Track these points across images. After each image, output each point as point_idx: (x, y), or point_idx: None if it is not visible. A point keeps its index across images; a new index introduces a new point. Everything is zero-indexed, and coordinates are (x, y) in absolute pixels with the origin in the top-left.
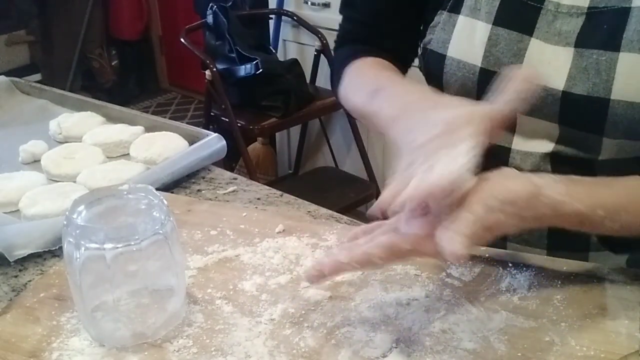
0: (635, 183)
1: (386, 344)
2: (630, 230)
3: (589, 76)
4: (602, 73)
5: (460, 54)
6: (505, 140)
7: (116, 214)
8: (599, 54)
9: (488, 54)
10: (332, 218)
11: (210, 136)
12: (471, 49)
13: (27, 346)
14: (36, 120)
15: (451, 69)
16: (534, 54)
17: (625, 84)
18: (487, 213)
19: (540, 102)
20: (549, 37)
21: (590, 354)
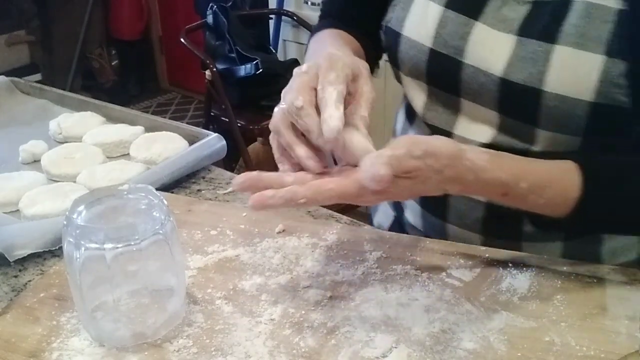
0: (562, 163)
1: (386, 344)
2: (555, 208)
3: (525, 65)
4: (538, 63)
5: (413, 34)
6: (449, 125)
7: (116, 214)
8: (537, 44)
9: (437, 36)
10: (332, 218)
11: (210, 136)
12: (423, 29)
13: (27, 346)
14: (36, 120)
15: (404, 47)
16: (478, 39)
17: (558, 76)
18: (407, 156)
19: (480, 88)
20: (494, 23)
21: (590, 354)
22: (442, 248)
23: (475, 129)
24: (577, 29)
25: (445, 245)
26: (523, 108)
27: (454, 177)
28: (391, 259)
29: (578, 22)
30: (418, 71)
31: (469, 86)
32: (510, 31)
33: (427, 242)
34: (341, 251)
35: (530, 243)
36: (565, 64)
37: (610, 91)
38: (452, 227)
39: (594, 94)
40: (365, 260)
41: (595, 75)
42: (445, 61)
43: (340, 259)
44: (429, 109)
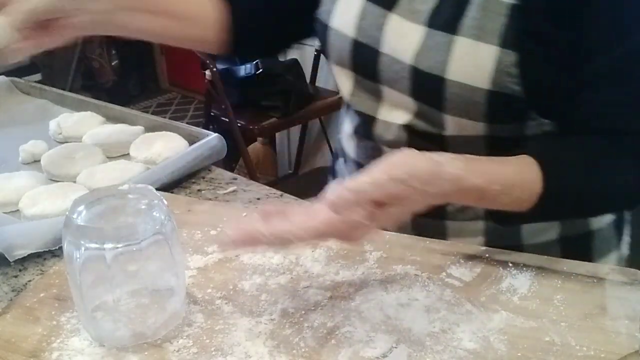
0: (523, 159)
1: (386, 344)
2: (521, 204)
3: (431, 54)
4: (441, 53)
5: (339, 25)
6: (373, 110)
7: (116, 214)
8: (441, 34)
9: (359, 26)
10: None
11: (210, 136)
12: (347, 20)
13: (27, 346)
14: (36, 120)
15: (332, 38)
16: (392, 28)
17: (458, 65)
18: (390, 183)
19: (395, 75)
20: (407, 14)
21: (590, 354)
22: (442, 248)
23: (395, 114)
24: (475, 22)
25: (445, 245)
26: (431, 94)
27: (437, 192)
28: (391, 259)
29: (476, 15)
30: (344, 60)
31: (386, 74)
32: (420, 22)
33: (427, 242)
34: (341, 251)
35: (453, 222)
36: (464, 54)
37: (503, 80)
38: None
39: (490, 83)
40: (365, 260)
41: (491, 65)
42: (365, 50)
43: (340, 259)
44: (355, 95)
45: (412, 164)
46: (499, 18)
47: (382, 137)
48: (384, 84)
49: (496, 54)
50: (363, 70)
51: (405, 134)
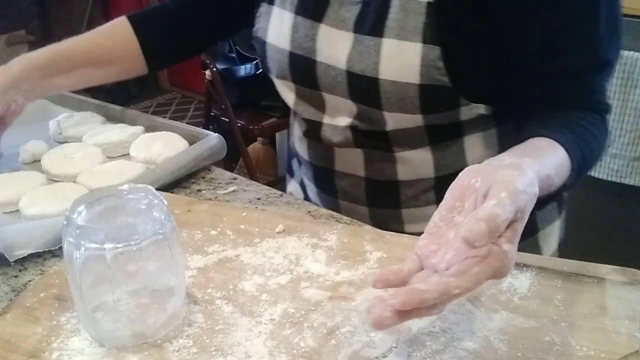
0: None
1: (386, 344)
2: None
3: (362, 58)
4: (372, 55)
5: (275, 40)
6: (318, 116)
7: (116, 214)
8: (369, 39)
9: (293, 39)
10: (332, 218)
11: (210, 136)
12: (282, 35)
13: (27, 346)
14: (36, 120)
15: (271, 53)
16: (323, 38)
17: (389, 65)
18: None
19: (333, 81)
20: (335, 23)
21: (590, 354)
22: None
23: (339, 117)
24: (397, 23)
25: None
26: (368, 95)
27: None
28: (391, 259)
29: (397, 17)
30: (284, 73)
31: (324, 81)
32: (348, 29)
33: None
34: (341, 251)
35: (408, 209)
36: (392, 54)
37: (431, 73)
38: (343, 203)
39: (419, 77)
40: (366, 260)
41: (417, 61)
42: (302, 61)
43: (341, 259)
44: (299, 105)
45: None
46: (419, 17)
47: (331, 139)
48: (324, 90)
49: (421, 50)
50: (302, 80)
51: (351, 134)
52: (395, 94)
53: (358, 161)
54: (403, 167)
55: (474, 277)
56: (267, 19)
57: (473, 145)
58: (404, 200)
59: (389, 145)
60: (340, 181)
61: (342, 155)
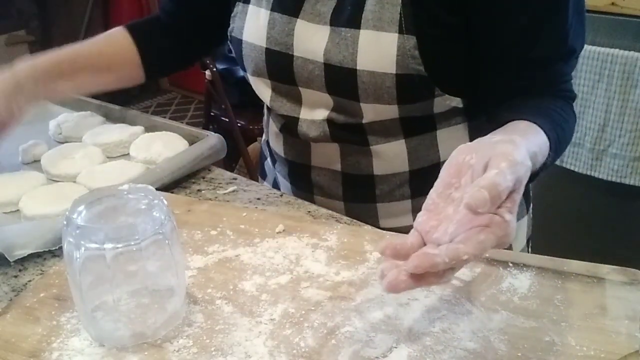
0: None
1: (386, 344)
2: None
3: (340, 50)
4: (349, 47)
5: (251, 38)
6: (295, 112)
7: (116, 214)
8: (346, 31)
9: (269, 36)
10: (332, 218)
11: (210, 136)
12: (258, 32)
13: (27, 346)
14: (36, 120)
15: (247, 51)
16: (300, 32)
17: (366, 56)
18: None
19: (310, 74)
20: (311, 17)
21: (590, 354)
22: None
23: (316, 111)
24: (373, 14)
25: None
26: (345, 87)
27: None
28: None
29: (374, 9)
30: (260, 70)
31: (301, 75)
32: (324, 22)
33: None
34: (341, 251)
35: (383, 204)
36: (370, 44)
37: (407, 62)
38: (319, 198)
39: (395, 67)
40: (366, 260)
41: (394, 51)
42: (278, 57)
43: (341, 259)
44: (275, 101)
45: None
46: (394, 8)
47: (307, 134)
48: (301, 85)
49: (397, 40)
50: (279, 75)
51: (327, 128)
52: (372, 85)
53: (334, 156)
54: (378, 160)
55: (480, 245)
56: (243, 17)
57: (445, 138)
58: (379, 195)
59: (365, 138)
60: (316, 176)
61: (318, 150)
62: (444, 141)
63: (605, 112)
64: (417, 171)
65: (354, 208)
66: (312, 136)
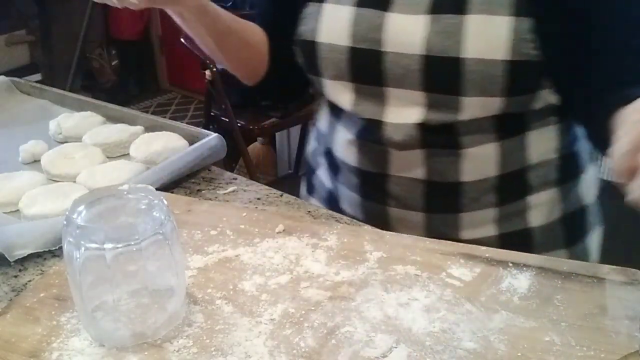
0: None
1: (386, 344)
2: None
3: (442, 38)
4: (454, 35)
5: (329, 38)
6: (378, 114)
7: (116, 214)
8: (449, 17)
9: (354, 33)
10: (332, 218)
11: (210, 136)
12: (338, 31)
13: (27, 346)
14: (36, 120)
15: (323, 53)
16: (393, 26)
17: (474, 42)
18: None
19: (404, 71)
20: (405, 9)
21: (590, 354)
22: (442, 248)
23: (404, 113)
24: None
25: (445, 245)
26: (446, 80)
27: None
28: (391, 259)
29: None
30: (341, 72)
31: (392, 73)
32: (421, 12)
33: (427, 242)
34: (341, 251)
35: (467, 213)
36: (478, 30)
37: (521, 47)
38: (394, 210)
39: (508, 52)
40: (366, 260)
41: (507, 35)
42: (365, 55)
43: (341, 259)
44: (357, 104)
45: None
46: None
47: (392, 138)
48: (390, 84)
49: (511, 23)
50: (364, 76)
51: (416, 131)
52: (479, 74)
53: (417, 162)
54: (468, 165)
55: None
56: (316, 18)
57: (536, 140)
58: (465, 204)
59: (457, 140)
60: (393, 186)
61: (399, 157)
62: (534, 143)
63: None
64: (505, 176)
65: (434, 219)
66: (397, 140)
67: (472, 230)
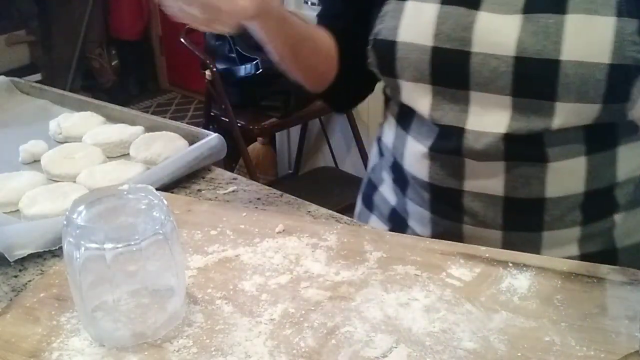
0: None
1: (386, 344)
2: None
3: (538, 39)
4: (551, 35)
5: (410, 37)
6: (459, 121)
7: (116, 214)
8: (547, 17)
9: (439, 32)
10: (332, 218)
11: (210, 136)
12: (421, 30)
13: (27, 346)
14: (36, 120)
15: (403, 53)
16: (483, 25)
17: (574, 44)
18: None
19: (492, 74)
20: (496, 8)
21: (590, 354)
22: (442, 248)
23: (488, 120)
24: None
25: (445, 245)
26: (540, 84)
27: None
28: (391, 259)
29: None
30: (421, 73)
31: (479, 75)
32: (515, 12)
33: (427, 242)
34: (341, 251)
35: (550, 232)
36: (579, 30)
37: (625, 50)
38: (469, 228)
39: (610, 55)
40: (366, 260)
41: (610, 37)
42: (450, 56)
43: (341, 259)
44: (436, 109)
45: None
46: None
47: (472, 148)
48: (475, 88)
49: (614, 24)
50: (447, 78)
51: (500, 140)
52: (577, 78)
53: (497, 177)
54: (553, 179)
55: None
56: (397, 16)
57: (626, 156)
58: (547, 222)
59: (543, 152)
60: (469, 202)
61: (477, 171)
62: (624, 159)
63: None
64: (592, 192)
65: (514, 237)
66: (478, 149)
67: (553, 250)
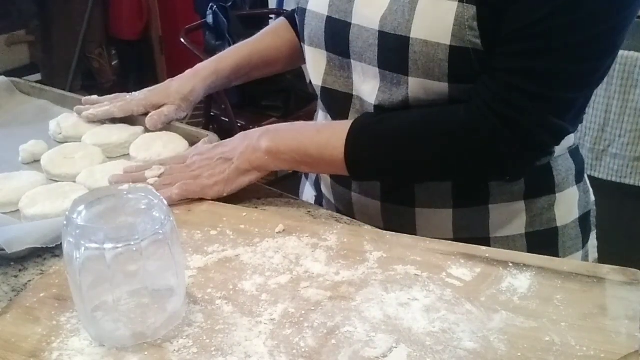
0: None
1: (386, 344)
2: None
3: (396, 17)
4: (405, 14)
5: (315, 6)
6: (347, 87)
7: (116, 214)
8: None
9: (332, 4)
10: (332, 218)
11: (210, 136)
12: (322, 1)
13: (27, 346)
14: (36, 120)
15: (309, 20)
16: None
17: (421, 23)
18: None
19: (364, 44)
20: None
21: (590, 354)
22: (442, 248)
23: (365, 88)
24: None
25: (445, 245)
26: (396, 58)
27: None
28: (391, 259)
29: None
30: (319, 40)
31: (355, 45)
32: None
33: (427, 242)
34: (341, 251)
35: (423, 209)
36: (427, 12)
37: (464, 34)
38: (356, 196)
39: (451, 37)
40: (366, 260)
41: (451, 20)
42: (337, 25)
43: (341, 259)
44: (329, 75)
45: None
46: None
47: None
48: (354, 57)
49: (456, 9)
50: (335, 46)
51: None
52: (424, 56)
53: None
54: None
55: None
56: None
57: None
58: (419, 200)
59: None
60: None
61: None
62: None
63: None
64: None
65: (390, 210)
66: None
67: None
